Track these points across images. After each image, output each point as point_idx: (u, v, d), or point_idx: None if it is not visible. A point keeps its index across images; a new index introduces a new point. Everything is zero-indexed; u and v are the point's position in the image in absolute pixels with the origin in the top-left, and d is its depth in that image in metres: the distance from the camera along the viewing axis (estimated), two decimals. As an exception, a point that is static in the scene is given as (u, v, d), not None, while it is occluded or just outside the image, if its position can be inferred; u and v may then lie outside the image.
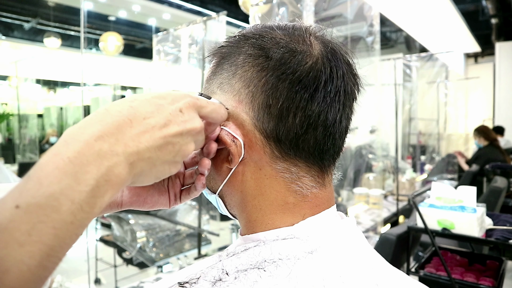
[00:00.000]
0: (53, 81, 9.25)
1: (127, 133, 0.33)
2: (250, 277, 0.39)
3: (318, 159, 0.44)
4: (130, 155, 0.33)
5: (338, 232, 0.44)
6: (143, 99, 0.36)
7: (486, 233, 1.64)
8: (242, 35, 0.46)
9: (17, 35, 7.36)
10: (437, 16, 5.42)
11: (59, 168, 0.29)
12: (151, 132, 0.35)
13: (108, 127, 0.32)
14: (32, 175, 0.29)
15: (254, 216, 0.45)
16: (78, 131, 0.32)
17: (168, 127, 0.36)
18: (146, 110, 0.35)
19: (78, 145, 0.31)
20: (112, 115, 0.33)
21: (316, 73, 0.42)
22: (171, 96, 0.38)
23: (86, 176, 0.30)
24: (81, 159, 0.30)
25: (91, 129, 0.32)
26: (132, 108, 0.35)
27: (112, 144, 0.32)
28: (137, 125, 0.34)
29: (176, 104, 0.38)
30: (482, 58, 9.12)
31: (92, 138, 0.31)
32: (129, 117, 0.34)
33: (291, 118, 0.41)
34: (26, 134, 6.80)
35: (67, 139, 0.31)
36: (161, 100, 0.37)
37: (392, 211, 3.49)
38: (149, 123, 0.35)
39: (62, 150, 0.30)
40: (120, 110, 0.34)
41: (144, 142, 0.34)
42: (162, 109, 0.36)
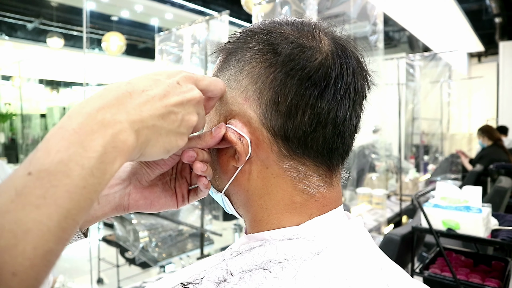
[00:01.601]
0: (56, 81, 9.28)
1: (128, 104, 0.33)
2: (255, 278, 0.38)
3: (327, 158, 0.43)
4: (133, 123, 0.33)
5: (345, 233, 0.43)
6: (139, 76, 0.37)
7: (492, 234, 1.62)
8: (249, 30, 0.45)
9: (20, 35, 7.39)
10: (441, 16, 5.40)
11: (65, 138, 0.30)
12: (152, 102, 0.35)
13: (108, 100, 0.33)
14: (40, 147, 0.30)
15: (260, 215, 0.45)
16: (79, 107, 0.32)
17: (168, 97, 0.36)
18: (144, 84, 0.36)
19: (81, 117, 0.31)
20: (111, 91, 0.34)
21: (326, 69, 0.41)
22: (166, 72, 0.39)
23: (92, 143, 0.30)
24: (86, 129, 0.30)
25: (92, 103, 0.32)
26: (129, 84, 0.35)
27: (114, 113, 0.32)
28: (137, 96, 0.34)
29: (173, 78, 0.38)
30: (485, 58, 9.08)
31: (94, 110, 0.32)
32: (128, 90, 0.34)
33: (299, 115, 0.40)
34: (29, 134, 6.82)
35: (70, 114, 0.32)
36: (157, 76, 0.38)
37: (395, 211, 3.48)
38: (148, 94, 0.35)
39: (66, 123, 0.31)
40: (118, 86, 0.35)
41: (146, 111, 0.34)
42: (160, 83, 0.37)
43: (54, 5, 6.69)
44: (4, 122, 5.96)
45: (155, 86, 0.36)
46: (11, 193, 0.27)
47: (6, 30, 7.03)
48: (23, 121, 6.83)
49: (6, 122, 6.11)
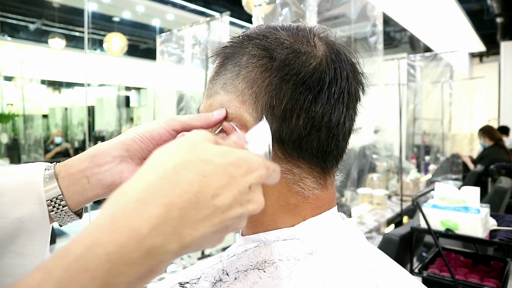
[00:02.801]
0: (58, 82, 9.30)
1: (188, 218, 0.29)
2: (250, 277, 0.40)
3: (321, 161, 0.44)
4: (181, 249, 0.29)
5: (338, 233, 0.44)
6: (218, 163, 0.31)
7: (490, 234, 1.62)
8: (246, 35, 0.46)
9: (22, 36, 7.40)
10: (442, 16, 5.39)
11: (89, 270, 0.25)
12: (213, 216, 0.30)
13: (170, 209, 0.28)
14: (53, 272, 0.24)
15: (255, 217, 0.45)
16: (132, 210, 0.27)
17: (231, 209, 0.31)
18: (217, 184, 0.30)
19: (125, 236, 0.26)
20: (180, 189, 0.29)
21: (320, 74, 0.42)
22: (247, 165, 0.33)
23: (120, 279, 0.26)
24: (123, 256, 0.26)
25: (149, 211, 0.27)
26: (203, 179, 0.30)
27: (167, 236, 0.27)
28: (203, 206, 0.29)
29: (249, 177, 0.32)
30: (487, 58, 9.06)
31: (147, 226, 0.27)
32: (197, 194, 0.29)
33: (294, 119, 0.41)
34: (31, 135, 6.83)
35: (116, 219, 0.27)
36: (236, 170, 0.32)
37: (396, 212, 3.48)
38: (214, 205, 0.30)
39: (104, 238, 0.26)
40: (191, 181, 0.29)
41: (201, 229, 0.29)
42: (233, 184, 0.31)
43: (56, 6, 6.70)
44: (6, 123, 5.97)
45: (227, 190, 0.31)
46: None
47: (8, 31, 7.05)
48: (25, 121, 6.85)
49: (8, 122, 6.12)
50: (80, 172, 0.44)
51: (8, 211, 0.40)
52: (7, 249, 0.40)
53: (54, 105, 9.60)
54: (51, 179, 0.43)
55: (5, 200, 0.40)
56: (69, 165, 0.44)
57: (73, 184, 0.43)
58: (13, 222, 0.39)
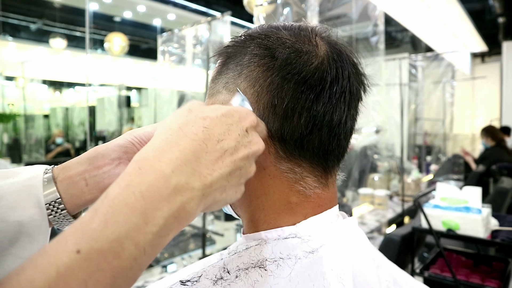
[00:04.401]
0: (59, 82, 9.33)
1: (202, 160, 0.33)
2: (251, 276, 0.39)
3: (323, 160, 0.44)
4: (205, 188, 0.32)
5: (339, 232, 0.44)
6: (214, 116, 0.36)
7: (492, 234, 1.62)
8: (248, 35, 0.46)
9: (23, 36, 7.43)
10: (443, 15, 5.39)
11: (129, 204, 0.28)
12: (224, 157, 0.34)
13: (185, 153, 0.32)
14: (100, 210, 0.28)
15: (257, 215, 0.45)
16: (153, 157, 0.31)
17: (238, 151, 0.36)
18: (219, 131, 0.35)
19: (152, 176, 0.30)
20: (188, 138, 0.33)
21: (322, 73, 0.42)
22: (238, 113, 0.38)
23: (157, 213, 0.29)
24: (154, 193, 0.29)
25: (167, 155, 0.31)
26: (206, 130, 0.34)
27: (189, 176, 0.31)
28: (212, 150, 0.34)
29: (243, 123, 0.37)
30: (489, 58, 9.05)
31: (169, 167, 0.31)
32: (204, 141, 0.34)
33: (296, 118, 0.41)
34: (32, 134, 6.85)
35: (142, 165, 0.31)
36: (229, 119, 0.37)
37: (397, 212, 3.47)
38: (222, 147, 0.34)
39: (135, 180, 0.29)
40: (196, 132, 0.34)
41: (217, 169, 0.33)
42: (232, 130, 0.36)
43: (57, 6, 6.72)
44: (7, 123, 5.99)
45: (228, 135, 0.35)
46: (52, 274, 0.25)
47: (9, 31, 7.06)
48: (26, 121, 6.87)
49: (9, 122, 6.14)
50: (79, 174, 0.43)
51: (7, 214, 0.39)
52: (7, 252, 0.39)
53: (55, 105, 9.62)
54: (50, 182, 0.43)
55: (4, 204, 0.40)
56: (68, 168, 0.44)
57: (71, 187, 0.43)
58: (13, 226, 0.39)
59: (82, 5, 6.06)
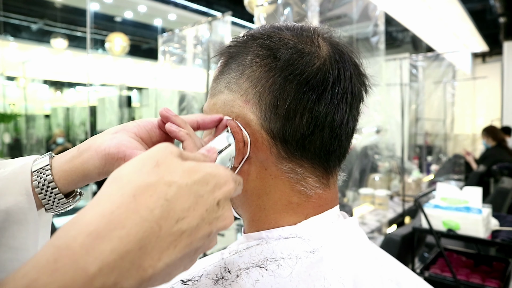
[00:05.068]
0: (60, 82, 9.33)
1: (149, 248, 0.26)
2: (252, 275, 0.40)
3: (324, 160, 0.44)
4: (141, 284, 0.25)
5: (340, 232, 0.44)
6: (183, 184, 0.29)
7: (492, 234, 1.62)
8: (250, 35, 0.46)
9: (24, 36, 7.43)
10: (444, 15, 5.38)
11: None
12: (178, 241, 0.27)
13: (127, 242, 0.24)
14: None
15: (258, 215, 0.46)
16: (81, 246, 0.24)
17: (199, 230, 0.29)
18: (182, 206, 0.28)
19: (69, 277, 0.22)
20: (139, 218, 0.26)
21: (324, 74, 0.42)
22: (214, 180, 0.31)
23: None
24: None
25: (101, 247, 0.24)
26: (167, 204, 0.27)
27: (123, 273, 0.24)
28: (166, 234, 0.27)
29: (217, 193, 0.31)
30: (490, 58, 9.03)
31: (96, 264, 0.23)
32: (159, 221, 0.26)
33: (298, 119, 0.42)
34: (33, 134, 6.86)
35: (60, 256, 0.23)
36: (202, 188, 0.30)
37: (398, 212, 3.47)
38: (180, 229, 0.27)
39: (42, 279, 0.22)
40: (153, 207, 0.26)
41: (165, 258, 0.27)
42: (200, 204, 0.29)
43: (58, 6, 6.73)
44: (8, 123, 6.00)
45: (193, 211, 0.28)
46: None
47: (10, 31, 7.07)
48: (27, 121, 6.87)
49: (10, 122, 6.15)
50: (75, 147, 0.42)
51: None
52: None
53: (56, 105, 9.63)
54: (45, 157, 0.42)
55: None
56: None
57: (63, 155, 0.42)
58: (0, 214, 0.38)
59: (83, 5, 6.07)
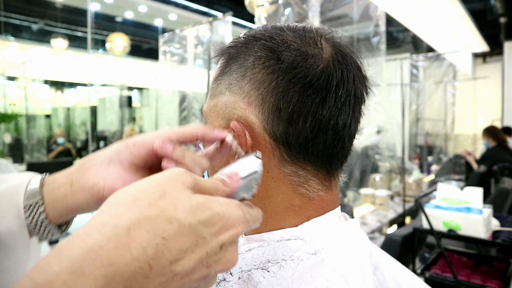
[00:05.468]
0: (61, 82, 9.34)
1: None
2: (254, 277, 0.40)
3: (327, 163, 0.44)
4: None
5: (341, 234, 0.44)
6: (186, 223, 0.26)
7: (493, 235, 1.62)
8: (251, 35, 0.46)
9: (25, 36, 7.44)
10: (445, 16, 5.38)
11: None
12: (169, 283, 0.25)
13: (114, 281, 0.23)
14: None
15: None
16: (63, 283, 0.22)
17: (195, 272, 0.26)
18: (180, 247, 0.25)
19: None
20: (129, 256, 0.24)
21: (328, 77, 0.41)
22: (222, 222, 0.28)
23: None
24: None
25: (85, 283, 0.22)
26: (163, 242, 0.25)
27: None
28: (156, 275, 0.24)
29: (222, 236, 0.28)
30: (490, 58, 9.02)
31: None
32: (151, 261, 0.24)
33: (301, 122, 0.41)
34: (34, 134, 6.86)
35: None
36: (207, 229, 0.27)
37: (398, 212, 3.47)
38: (172, 271, 0.25)
39: None
40: (146, 246, 0.24)
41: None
42: (201, 246, 0.26)
43: (59, 6, 6.74)
44: (9, 123, 6.00)
45: (190, 254, 0.26)
46: None
47: (11, 31, 7.07)
48: (28, 121, 6.87)
49: (11, 122, 6.15)
50: (66, 176, 0.39)
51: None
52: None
53: (57, 105, 9.64)
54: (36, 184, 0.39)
55: None
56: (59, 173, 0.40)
57: (56, 189, 0.39)
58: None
59: (83, 5, 6.07)
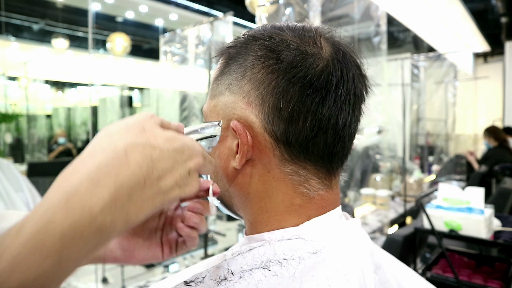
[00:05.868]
0: (61, 82, 9.35)
1: (135, 197, 0.31)
2: (255, 276, 0.40)
3: (327, 162, 0.44)
4: (126, 227, 0.31)
5: (342, 233, 0.44)
6: (165, 149, 0.34)
7: (494, 235, 1.62)
8: (251, 35, 0.46)
9: (26, 36, 7.44)
10: (446, 15, 5.37)
11: (45, 246, 0.26)
12: (156, 197, 0.33)
13: (121, 189, 0.30)
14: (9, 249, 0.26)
15: (260, 217, 0.46)
16: (86, 190, 0.28)
17: (171, 191, 0.34)
18: (163, 167, 0.33)
19: (79, 215, 0.27)
20: (130, 169, 0.31)
21: (327, 76, 0.41)
22: (188, 151, 0.36)
23: (71, 256, 0.27)
24: (75, 233, 0.27)
25: (101, 191, 0.29)
26: (152, 163, 0.32)
27: (117, 215, 0.29)
28: (149, 187, 0.32)
29: (189, 163, 0.36)
30: (491, 58, 9.01)
31: (99, 205, 0.28)
32: (145, 176, 0.31)
33: (301, 121, 0.41)
34: (34, 134, 6.87)
35: (70, 199, 0.27)
36: (178, 155, 0.35)
37: (399, 212, 3.47)
38: (158, 187, 0.33)
39: (58, 216, 0.27)
40: (141, 164, 0.31)
41: (145, 209, 0.32)
42: (176, 168, 0.35)
43: (59, 7, 6.74)
44: (10, 123, 6.01)
45: (170, 173, 0.34)
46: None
47: (12, 31, 7.08)
48: (29, 121, 6.88)
49: (12, 122, 6.16)
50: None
51: None
52: None
53: (58, 105, 9.65)
54: None
55: None
56: None
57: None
58: None
59: (84, 6, 6.07)
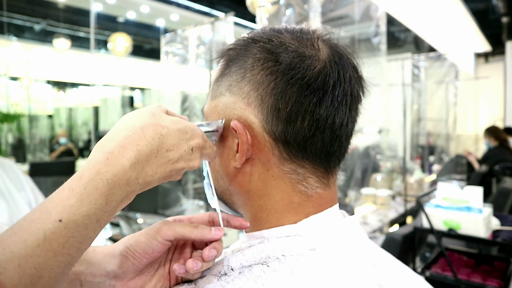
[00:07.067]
0: (63, 82, 9.37)
1: (151, 163, 0.39)
2: (254, 272, 0.41)
3: (325, 161, 0.45)
4: (145, 184, 0.39)
5: (340, 230, 0.45)
6: (172, 128, 0.41)
7: (493, 234, 1.63)
8: (250, 38, 0.47)
9: (27, 36, 7.46)
10: (446, 15, 5.37)
11: (98, 189, 0.35)
12: (166, 165, 0.41)
13: (141, 154, 0.39)
14: (76, 190, 0.35)
15: (260, 215, 0.47)
16: (119, 152, 0.38)
17: (178, 162, 0.42)
18: (170, 142, 0.41)
19: (116, 169, 0.37)
20: (146, 141, 0.39)
21: (325, 77, 0.43)
22: (191, 132, 0.43)
23: (113, 197, 0.36)
24: (115, 182, 0.36)
25: (128, 153, 0.38)
26: (162, 138, 0.40)
27: (139, 173, 0.38)
28: (160, 156, 0.40)
29: (191, 142, 0.43)
30: (492, 58, 9.00)
31: (128, 163, 0.38)
32: (157, 147, 0.40)
33: (299, 121, 0.43)
34: (36, 134, 6.90)
35: (109, 157, 0.37)
36: (182, 135, 0.42)
37: (400, 212, 3.47)
38: (167, 156, 0.41)
39: (103, 169, 0.36)
40: (153, 137, 0.40)
41: (158, 173, 0.40)
42: (181, 145, 0.42)
43: (61, 7, 6.75)
44: (12, 123, 6.03)
45: (176, 148, 0.41)
46: (40, 236, 0.32)
47: (14, 31, 7.10)
48: (30, 121, 6.91)
49: (14, 122, 6.18)
50: (75, 274, 0.44)
51: None
52: None
53: (59, 105, 9.66)
54: None
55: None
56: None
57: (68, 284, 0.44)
58: None
59: (86, 6, 6.09)
